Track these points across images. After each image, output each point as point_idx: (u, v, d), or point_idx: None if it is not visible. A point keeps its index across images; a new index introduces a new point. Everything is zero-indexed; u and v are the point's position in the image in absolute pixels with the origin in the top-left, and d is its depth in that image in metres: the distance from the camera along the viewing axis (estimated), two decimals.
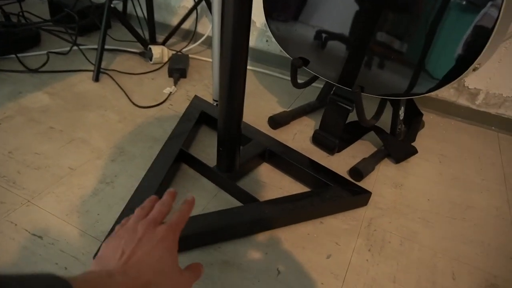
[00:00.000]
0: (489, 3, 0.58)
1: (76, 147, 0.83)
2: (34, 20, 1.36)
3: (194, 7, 1.29)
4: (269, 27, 0.87)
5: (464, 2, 0.60)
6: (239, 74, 0.62)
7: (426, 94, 0.69)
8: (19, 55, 1.14)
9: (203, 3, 1.28)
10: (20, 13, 1.29)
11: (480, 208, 0.79)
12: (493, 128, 1.09)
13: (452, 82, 0.65)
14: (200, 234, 0.62)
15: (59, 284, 0.28)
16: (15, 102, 0.96)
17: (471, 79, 1.07)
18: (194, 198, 0.48)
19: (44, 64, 1.14)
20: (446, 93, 1.12)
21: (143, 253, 0.40)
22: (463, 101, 1.10)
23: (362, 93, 0.77)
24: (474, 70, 0.62)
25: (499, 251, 0.70)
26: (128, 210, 0.64)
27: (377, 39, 0.71)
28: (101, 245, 0.55)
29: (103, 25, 1.11)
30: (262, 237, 0.67)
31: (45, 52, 1.20)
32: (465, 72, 0.62)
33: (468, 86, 1.08)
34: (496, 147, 1.01)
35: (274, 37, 0.87)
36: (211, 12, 1.29)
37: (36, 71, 1.11)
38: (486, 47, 0.59)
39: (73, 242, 0.62)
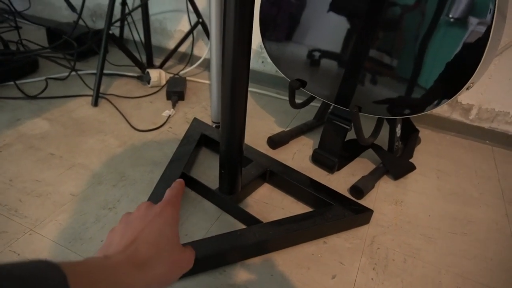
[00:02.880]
0: (479, 23, 0.60)
1: (77, 173, 0.83)
2: (32, 47, 1.38)
3: (191, 31, 1.31)
4: (265, 48, 0.89)
5: (455, 23, 0.63)
6: (240, 98, 0.63)
7: (423, 113, 0.71)
8: (17, 82, 1.14)
9: (199, 27, 1.31)
10: (19, 41, 1.31)
11: (480, 223, 0.80)
12: (487, 142, 1.11)
13: (447, 101, 0.66)
14: (205, 258, 0.62)
15: (50, 269, 0.27)
16: (14, 129, 0.96)
17: (463, 95, 1.09)
18: (182, 180, 0.51)
19: (43, 91, 1.15)
20: (440, 108, 1.14)
21: (141, 229, 0.39)
22: (456, 116, 1.13)
23: (360, 113, 0.79)
24: (467, 89, 0.64)
25: (502, 266, 0.70)
26: None
27: (372, 59, 0.73)
28: None
29: (102, 51, 1.12)
30: (266, 258, 0.67)
31: (43, 78, 1.21)
32: (460, 91, 0.64)
33: (461, 102, 1.10)
34: (491, 161, 1.03)
35: (271, 58, 0.89)
36: (207, 36, 1.32)
37: (34, 97, 1.11)
38: (479, 66, 0.61)
39: None
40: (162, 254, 0.39)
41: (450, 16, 0.63)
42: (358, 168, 0.93)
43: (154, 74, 1.22)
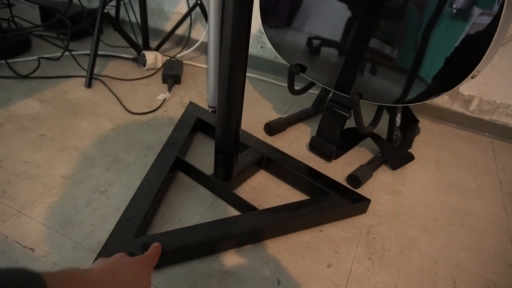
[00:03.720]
0: (488, 11, 0.58)
1: (69, 156, 0.81)
2: (24, 25, 1.33)
3: (188, 13, 1.28)
4: (266, 33, 0.86)
5: (463, 10, 0.61)
6: (238, 82, 0.61)
7: (425, 101, 0.69)
8: (9, 61, 1.11)
9: (197, 9, 1.28)
10: (10, 18, 1.27)
11: (478, 215, 0.79)
12: (486, 134, 1.10)
13: (452, 90, 0.65)
14: (198, 244, 0.60)
15: (32, 277, 0.28)
16: (5, 109, 0.94)
17: (465, 86, 1.08)
18: (160, 245, 0.55)
19: (35, 70, 1.11)
20: (440, 99, 1.12)
21: (120, 263, 0.43)
22: (457, 107, 1.11)
23: (360, 100, 0.77)
24: (472, 77, 0.63)
25: (499, 258, 0.70)
26: (123, 221, 0.62)
27: (374, 46, 0.71)
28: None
29: (96, 31, 1.09)
30: (261, 246, 0.66)
31: (36, 57, 1.18)
32: (464, 80, 0.62)
33: (462, 93, 1.08)
34: (490, 153, 1.02)
35: (271, 43, 0.86)
36: (205, 18, 1.29)
37: (26, 77, 1.08)
38: (486, 54, 0.59)
39: (67, 254, 0.60)
40: (139, 285, 0.44)
41: (456, 4, 0.61)
42: (356, 157, 0.92)
43: (150, 57, 1.19)
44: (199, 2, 1.23)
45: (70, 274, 0.34)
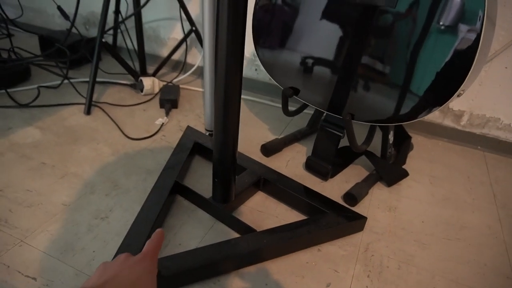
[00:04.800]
0: (469, 31, 0.61)
1: (69, 182, 0.82)
2: (24, 55, 1.37)
3: (184, 39, 1.32)
4: (258, 56, 0.89)
5: (445, 31, 0.64)
6: (233, 106, 0.63)
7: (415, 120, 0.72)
8: (9, 90, 1.14)
9: (193, 34, 1.32)
10: (11, 49, 1.30)
11: (474, 228, 0.81)
12: (479, 147, 1.12)
13: (438, 108, 0.67)
14: (199, 268, 0.61)
15: None
16: (6, 138, 0.95)
17: (455, 101, 1.11)
18: (162, 230, 0.51)
19: (35, 99, 1.14)
20: (432, 115, 1.15)
21: (120, 270, 0.41)
22: (448, 122, 1.14)
23: (352, 120, 0.79)
24: (458, 96, 0.65)
25: (496, 271, 0.71)
26: (125, 246, 0.63)
27: (363, 67, 0.74)
28: None
29: (95, 59, 1.12)
30: (261, 267, 0.67)
31: (35, 86, 1.21)
32: (450, 99, 0.64)
33: (452, 108, 1.11)
34: (483, 166, 1.04)
35: (263, 65, 0.89)
36: (200, 43, 1.33)
37: (26, 106, 1.11)
38: (469, 73, 0.61)
39: (69, 282, 0.60)
40: None
41: (441, 23, 0.64)
42: (351, 175, 0.94)
43: (148, 82, 1.22)
44: (194, 28, 1.27)
45: None
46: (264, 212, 0.79)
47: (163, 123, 1.08)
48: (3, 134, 0.97)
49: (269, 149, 0.97)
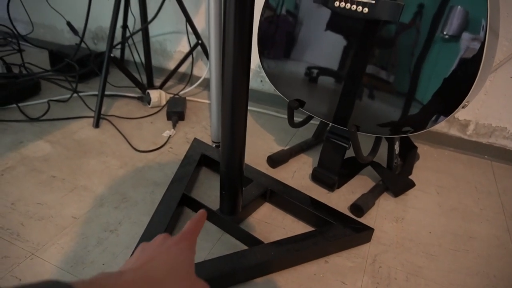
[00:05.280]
0: (473, 42, 0.62)
1: (79, 196, 0.84)
2: (34, 69, 1.40)
3: (190, 52, 1.34)
4: (263, 68, 0.90)
5: (449, 42, 0.64)
6: (240, 118, 0.64)
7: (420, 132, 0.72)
8: (20, 104, 1.16)
9: (199, 47, 1.34)
10: (22, 64, 1.33)
11: (482, 239, 0.80)
12: (486, 157, 1.12)
13: (444, 120, 0.67)
14: (208, 280, 0.62)
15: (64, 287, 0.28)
16: (17, 152, 0.97)
17: (460, 111, 1.11)
18: (205, 211, 0.50)
19: (45, 113, 1.16)
20: (438, 125, 1.15)
21: (158, 252, 0.41)
22: (454, 131, 1.14)
23: (358, 132, 0.80)
24: (463, 107, 0.66)
25: (505, 283, 0.70)
26: None
27: (368, 79, 0.75)
28: None
29: (104, 74, 1.14)
30: (269, 280, 0.67)
31: (45, 100, 1.23)
32: (456, 110, 0.65)
33: (458, 118, 1.12)
34: (491, 175, 1.04)
35: (268, 77, 0.90)
36: (206, 56, 1.35)
37: (37, 120, 1.13)
38: (473, 85, 0.62)
39: None
40: (176, 279, 0.40)
41: (445, 33, 0.64)
42: (358, 186, 0.94)
43: (155, 95, 1.24)
44: (200, 41, 1.29)
45: (103, 283, 0.32)
46: (271, 223, 0.80)
47: (170, 135, 1.10)
48: (15, 147, 0.99)
49: (275, 161, 0.98)
